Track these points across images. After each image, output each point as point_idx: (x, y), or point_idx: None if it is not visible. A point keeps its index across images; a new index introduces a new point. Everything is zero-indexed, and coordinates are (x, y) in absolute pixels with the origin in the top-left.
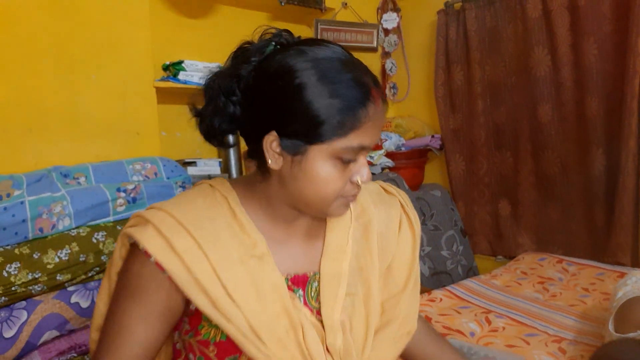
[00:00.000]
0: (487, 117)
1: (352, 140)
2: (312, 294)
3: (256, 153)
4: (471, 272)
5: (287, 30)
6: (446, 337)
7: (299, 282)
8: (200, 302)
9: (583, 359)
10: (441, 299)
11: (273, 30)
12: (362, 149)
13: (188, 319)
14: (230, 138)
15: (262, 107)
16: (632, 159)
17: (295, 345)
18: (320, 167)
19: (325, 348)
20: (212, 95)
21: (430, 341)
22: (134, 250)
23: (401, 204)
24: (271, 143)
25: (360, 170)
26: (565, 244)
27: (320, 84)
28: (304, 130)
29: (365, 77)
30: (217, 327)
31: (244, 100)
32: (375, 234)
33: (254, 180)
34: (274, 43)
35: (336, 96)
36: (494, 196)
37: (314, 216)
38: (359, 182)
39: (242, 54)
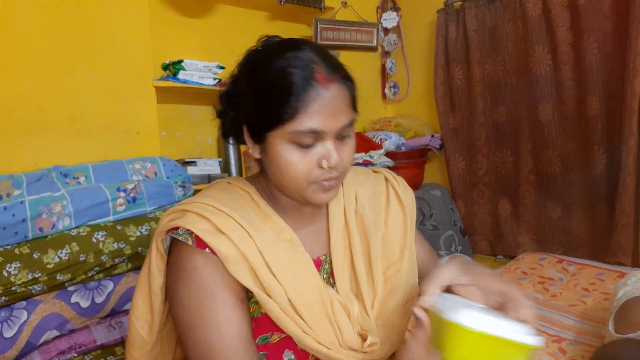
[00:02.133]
0: (487, 117)
1: (301, 123)
2: (325, 276)
3: None
4: None
5: (276, 36)
6: None
7: (316, 266)
8: (245, 278)
9: (583, 359)
10: None
11: (264, 37)
12: (313, 132)
13: None
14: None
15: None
16: (633, 159)
17: (327, 319)
18: (280, 151)
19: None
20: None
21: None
22: (177, 251)
23: (386, 179)
24: (247, 136)
25: (326, 155)
26: (566, 244)
27: (259, 75)
28: (257, 119)
29: (312, 63)
30: (253, 303)
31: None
32: (365, 210)
33: (259, 175)
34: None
35: (273, 84)
36: (494, 196)
37: (302, 203)
38: (325, 166)
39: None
